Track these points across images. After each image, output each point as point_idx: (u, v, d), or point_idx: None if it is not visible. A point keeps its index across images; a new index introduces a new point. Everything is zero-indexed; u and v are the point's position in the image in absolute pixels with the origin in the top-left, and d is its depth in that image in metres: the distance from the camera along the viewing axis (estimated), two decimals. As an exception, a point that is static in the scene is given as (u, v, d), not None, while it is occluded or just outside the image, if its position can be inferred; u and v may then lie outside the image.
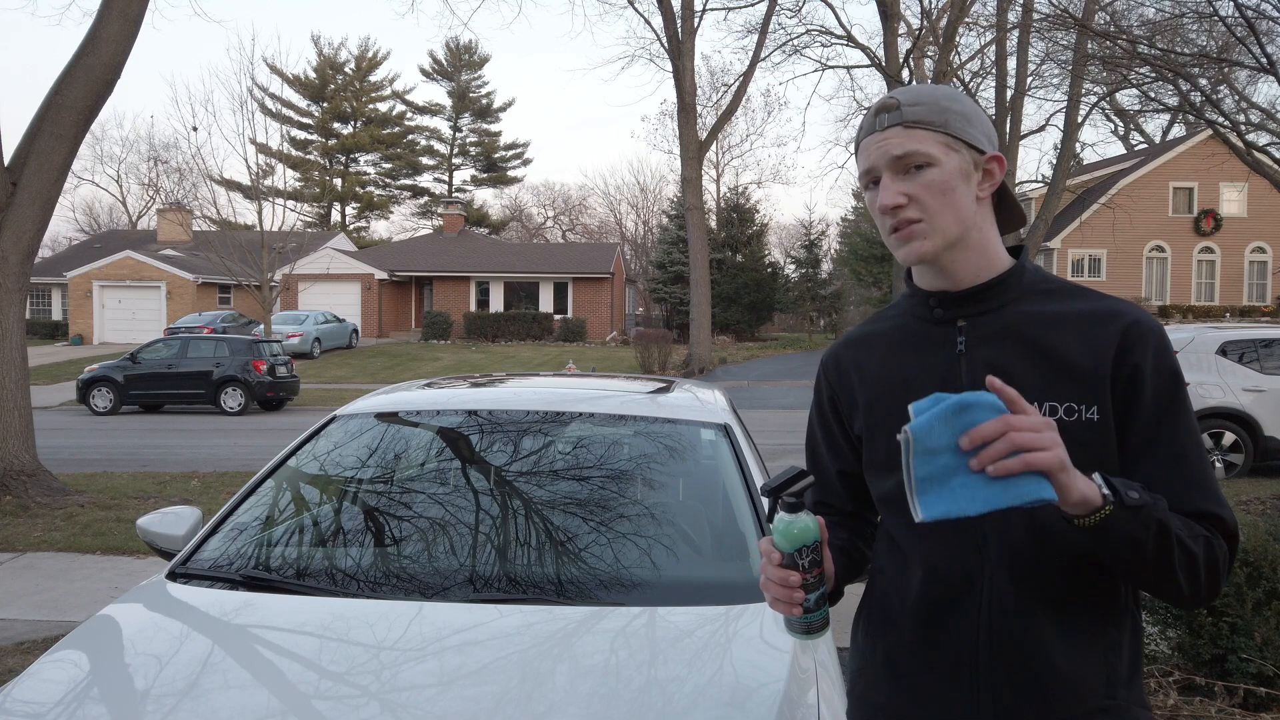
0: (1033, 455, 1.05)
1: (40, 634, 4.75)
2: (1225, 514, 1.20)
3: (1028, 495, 1.05)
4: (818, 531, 1.23)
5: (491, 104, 61.42)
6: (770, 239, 43.33)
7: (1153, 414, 1.21)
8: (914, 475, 1.09)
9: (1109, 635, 1.22)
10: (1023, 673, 1.21)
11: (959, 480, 1.07)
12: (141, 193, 56.74)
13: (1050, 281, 1.32)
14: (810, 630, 1.25)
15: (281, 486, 2.74)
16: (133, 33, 8.35)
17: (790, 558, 1.22)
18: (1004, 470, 1.05)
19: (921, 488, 1.09)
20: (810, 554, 1.22)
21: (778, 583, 1.23)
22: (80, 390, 19.17)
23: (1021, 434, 1.05)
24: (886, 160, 1.27)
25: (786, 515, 1.23)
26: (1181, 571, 1.15)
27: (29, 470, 8.19)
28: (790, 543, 1.21)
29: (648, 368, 24.76)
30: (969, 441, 1.06)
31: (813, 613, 1.24)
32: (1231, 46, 11.18)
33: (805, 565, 1.22)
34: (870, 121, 1.30)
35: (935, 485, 1.08)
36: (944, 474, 1.08)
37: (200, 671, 1.77)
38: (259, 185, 28.08)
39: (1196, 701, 3.39)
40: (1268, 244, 33.04)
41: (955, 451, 1.07)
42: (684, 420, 2.86)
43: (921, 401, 1.11)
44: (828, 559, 1.31)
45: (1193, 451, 1.22)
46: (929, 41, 24.65)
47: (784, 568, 1.22)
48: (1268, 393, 9.70)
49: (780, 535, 1.22)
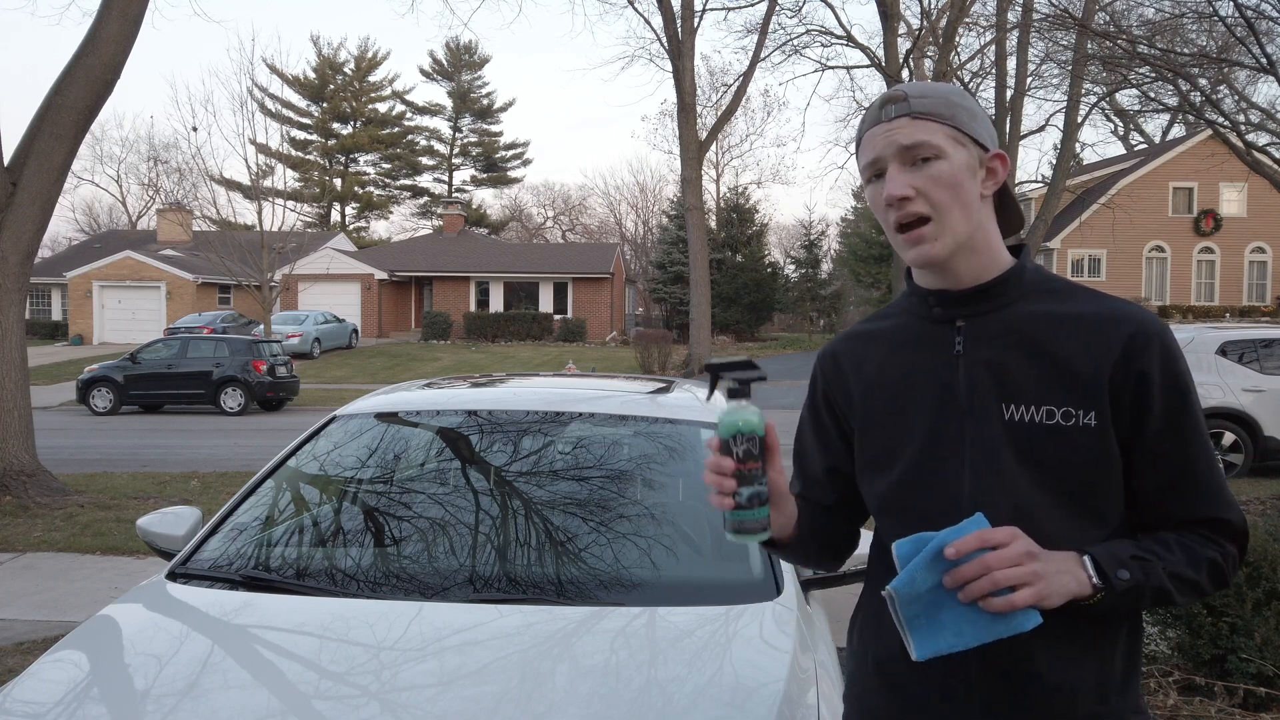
0: (1016, 597, 1.08)
1: (40, 634, 4.75)
2: (1233, 516, 1.20)
3: (1015, 628, 1.10)
4: (759, 426, 1.22)
5: (491, 104, 61.43)
6: (770, 239, 43.37)
7: (1160, 424, 1.19)
8: (903, 619, 1.13)
9: (1102, 641, 1.21)
10: (1014, 682, 1.20)
11: (949, 614, 1.11)
12: (141, 193, 56.79)
13: (1052, 281, 1.29)
14: (741, 530, 1.23)
15: (281, 487, 2.74)
16: (133, 33, 8.35)
17: (725, 444, 1.22)
18: (992, 609, 1.09)
19: (913, 625, 1.12)
20: (745, 443, 1.21)
21: (711, 469, 1.23)
22: (80, 390, 19.17)
23: (1003, 573, 1.08)
24: (894, 150, 1.24)
25: (729, 403, 1.23)
26: (1184, 597, 1.18)
27: (29, 470, 8.18)
28: (726, 429, 1.22)
29: (648, 368, 24.75)
30: (951, 581, 1.10)
31: (744, 510, 1.22)
32: (1231, 46, 11.18)
33: (739, 455, 1.21)
34: (876, 113, 1.27)
35: (926, 620, 1.12)
36: (933, 609, 1.12)
37: (200, 671, 1.77)
38: (259, 185, 28.08)
39: (1196, 701, 3.39)
40: (1267, 244, 33.04)
41: (941, 588, 1.11)
42: (684, 420, 2.86)
43: (904, 543, 1.14)
44: (786, 495, 1.29)
45: (1201, 458, 1.20)
46: (929, 41, 24.65)
47: (720, 455, 1.22)
48: (1268, 393, 9.70)
49: (720, 420, 1.23)
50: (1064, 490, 1.19)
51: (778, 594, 2.15)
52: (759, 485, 1.22)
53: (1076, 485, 1.19)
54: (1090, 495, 1.20)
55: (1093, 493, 1.20)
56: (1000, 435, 1.21)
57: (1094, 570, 1.12)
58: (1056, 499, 1.19)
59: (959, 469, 1.23)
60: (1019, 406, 1.21)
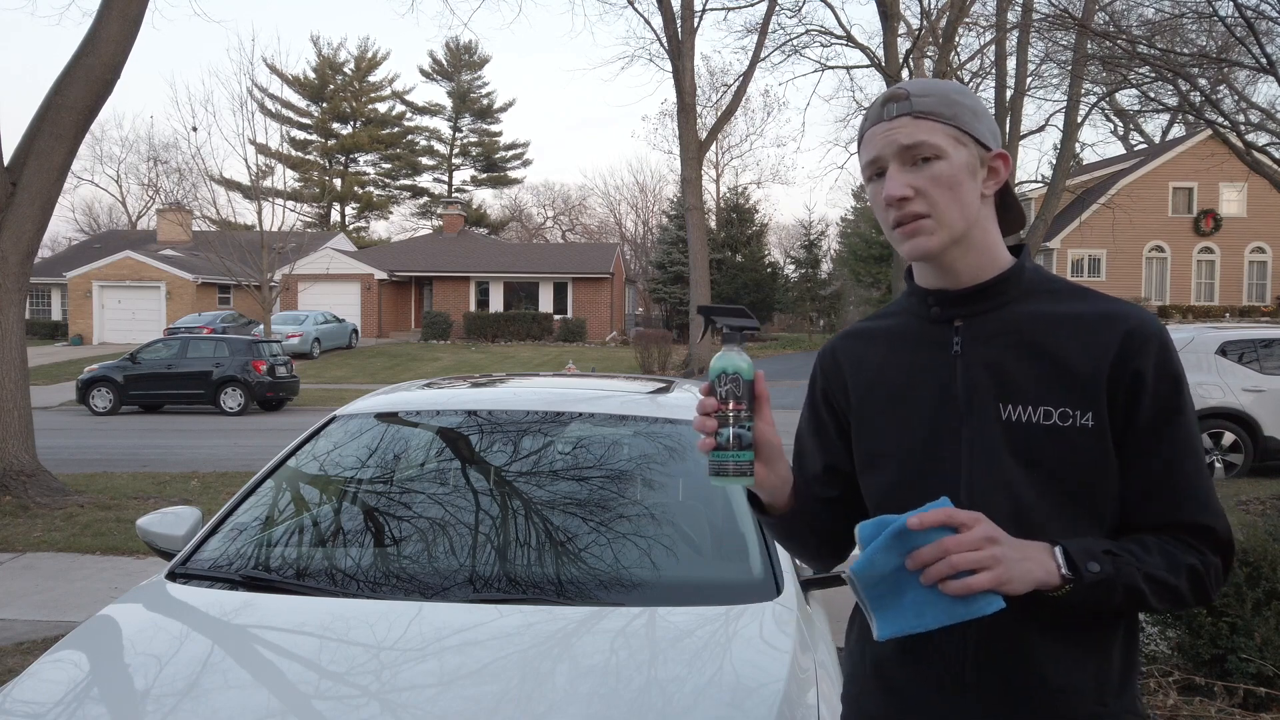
0: (973, 580, 1.07)
1: (40, 634, 4.75)
2: (1217, 525, 1.19)
3: (975, 611, 1.10)
4: (745, 370, 1.23)
5: (491, 104, 61.42)
6: (770, 239, 43.40)
7: (1150, 424, 1.19)
8: (866, 601, 1.14)
9: (1099, 642, 1.20)
10: (1010, 684, 1.19)
11: (911, 596, 1.12)
12: (141, 193, 56.78)
13: (1052, 281, 1.29)
14: (720, 472, 1.23)
15: (281, 487, 2.74)
16: (133, 33, 8.35)
17: (711, 385, 1.23)
18: (950, 591, 1.09)
19: (877, 606, 1.13)
20: (729, 384, 1.22)
21: (698, 411, 1.24)
22: (80, 390, 19.17)
23: (961, 556, 1.08)
24: (894, 149, 1.23)
25: (722, 347, 1.26)
26: (1161, 602, 1.16)
27: (29, 470, 8.18)
28: (712, 370, 1.24)
29: (647, 368, 24.75)
30: (912, 564, 1.10)
31: (724, 451, 1.22)
32: (1231, 46, 11.18)
33: (721, 395, 1.22)
34: (877, 111, 1.27)
35: (890, 602, 1.13)
36: (897, 591, 1.12)
37: (200, 671, 1.77)
38: (259, 185, 28.08)
39: (1196, 701, 3.39)
40: (1267, 244, 33.04)
41: (904, 570, 1.12)
42: (684, 420, 2.86)
43: (867, 524, 1.15)
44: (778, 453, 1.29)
45: (1188, 461, 1.19)
46: (929, 41, 24.66)
47: (708, 395, 1.23)
48: (1267, 393, 9.70)
49: (711, 363, 1.25)
50: (1062, 490, 1.19)
51: (778, 594, 2.15)
52: (740, 428, 1.22)
53: (1075, 486, 1.19)
54: (1088, 496, 1.20)
55: (1091, 493, 1.20)
56: (998, 435, 1.21)
57: (1064, 561, 1.11)
58: (1054, 499, 1.19)
59: (956, 469, 1.23)
60: (1017, 407, 1.21)
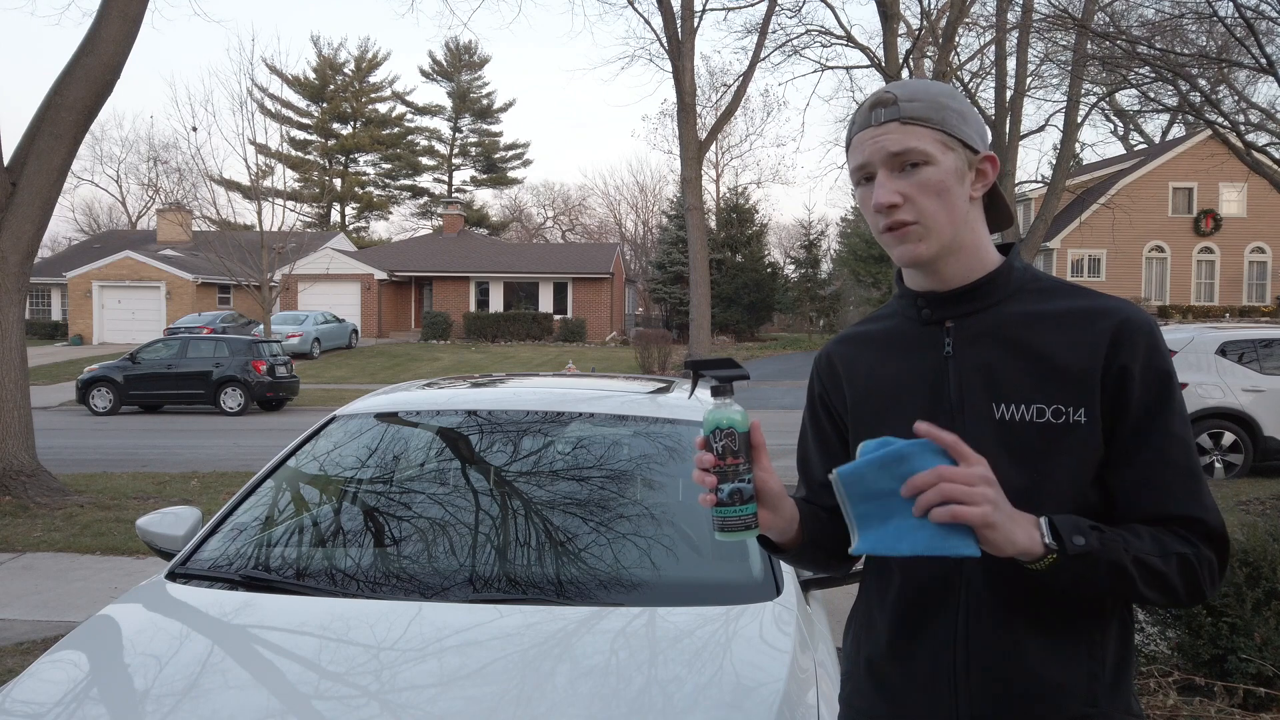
0: (959, 509, 1.07)
1: (40, 634, 4.75)
2: (1208, 517, 1.18)
3: (950, 549, 1.10)
4: (740, 422, 1.22)
5: (491, 104, 61.42)
6: (770, 239, 43.34)
7: (1139, 417, 1.19)
8: (851, 512, 1.15)
9: (1091, 640, 1.20)
10: (1001, 682, 1.20)
11: (896, 522, 1.13)
12: (141, 193, 56.82)
13: (1041, 280, 1.29)
14: (725, 528, 1.23)
15: (281, 487, 2.74)
16: (132, 33, 8.35)
17: (707, 441, 1.23)
18: (935, 519, 1.08)
19: (862, 523, 1.15)
20: (724, 439, 1.21)
21: (697, 467, 1.23)
22: (80, 390, 19.17)
23: (953, 485, 1.08)
24: (882, 156, 1.24)
25: (712, 400, 1.25)
26: (1150, 590, 1.15)
27: (28, 470, 8.18)
28: (706, 426, 1.23)
29: (647, 368, 24.75)
30: (907, 490, 1.10)
31: (726, 506, 1.22)
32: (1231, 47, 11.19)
33: (718, 451, 1.21)
34: (865, 116, 1.27)
35: (875, 522, 1.14)
36: (885, 514, 1.13)
37: (200, 671, 1.77)
38: (258, 185, 28.07)
39: (1196, 702, 3.39)
40: (1267, 244, 33.05)
41: (897, 495, 1.12)
42: (684, 420, 2.86)
43: (870, 442, 1.16)
44: (781, 496, 1.27)
45: (1179, 454, 1.19)
46: (929, 42, 24.65)
47: (704, 451, 1.23)
48: (1267, 393, 9.70)
49: (705, 417, 1.24)
50: (1057, 487, 1.20)
51: (777, 594, 2.15)
52: (740, 482, 1.22)
53: (1069, 482, 1.20)
54: (1082, 492, 1.20)
55: (1085, 489, 1.20)
56: (992, 434, 1.22)
57: (1049, 531, 1.11)
58: (1050, 496, 1.19)
59: None
60: (1010, 405, 1.22)
